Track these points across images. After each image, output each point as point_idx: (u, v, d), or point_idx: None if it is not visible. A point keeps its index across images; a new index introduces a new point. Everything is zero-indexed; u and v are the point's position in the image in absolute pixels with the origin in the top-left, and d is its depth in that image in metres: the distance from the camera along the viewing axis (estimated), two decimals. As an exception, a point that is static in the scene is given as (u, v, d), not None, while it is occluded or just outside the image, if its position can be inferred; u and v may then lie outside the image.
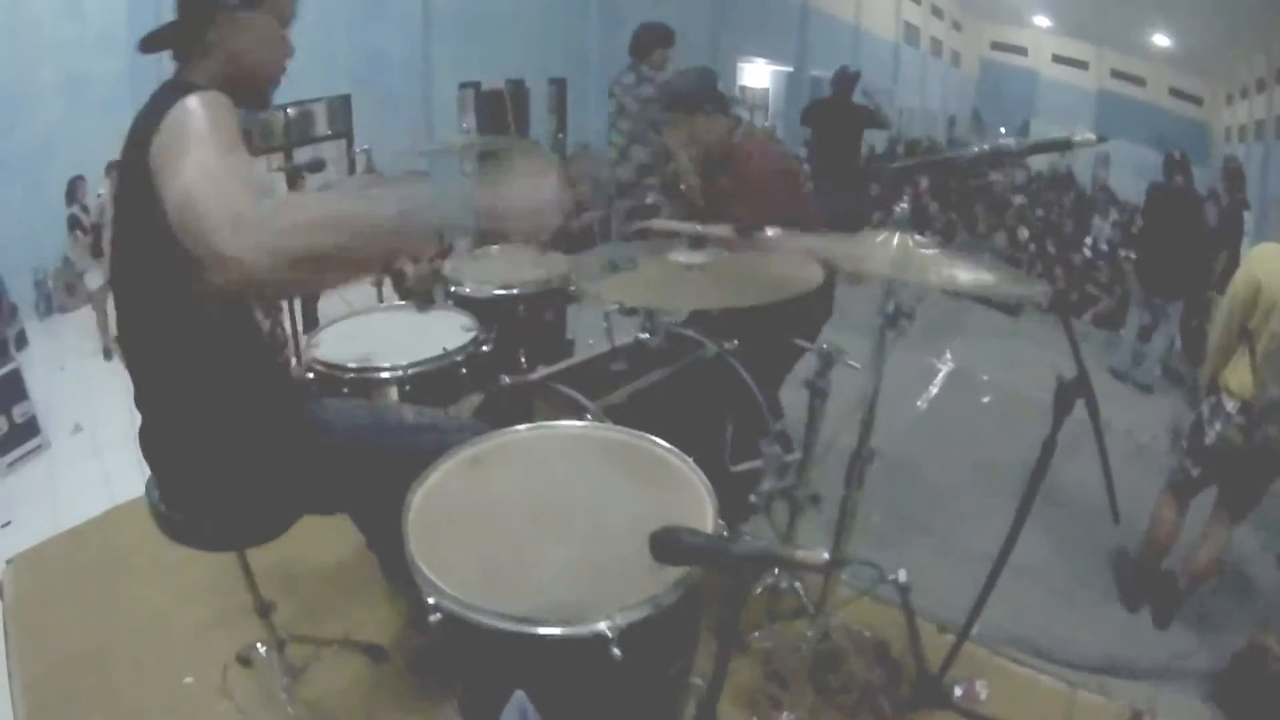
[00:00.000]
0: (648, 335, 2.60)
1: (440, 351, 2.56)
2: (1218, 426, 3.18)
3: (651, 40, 5.70)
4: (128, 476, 4.60)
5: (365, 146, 3.54)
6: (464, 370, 2.61)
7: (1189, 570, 3.39)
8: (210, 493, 1.85)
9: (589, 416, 2.27)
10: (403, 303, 3.07)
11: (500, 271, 3.12)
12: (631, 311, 2.83)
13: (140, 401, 1.84)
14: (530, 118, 12.28)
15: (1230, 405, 3.12)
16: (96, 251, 7.47)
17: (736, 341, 2.75)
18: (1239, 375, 3.09)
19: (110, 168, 7.59)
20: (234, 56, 1.71)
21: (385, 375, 2.49)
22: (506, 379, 2.58)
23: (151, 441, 1.88)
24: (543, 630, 1.33)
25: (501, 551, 1.54)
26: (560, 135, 12.54)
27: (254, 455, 1.79)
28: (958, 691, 2.55)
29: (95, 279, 7.42)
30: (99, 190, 7.58)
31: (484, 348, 2.66)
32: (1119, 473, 2.26)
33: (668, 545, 1.19)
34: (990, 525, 3.41)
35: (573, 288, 3.08)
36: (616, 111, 5.95)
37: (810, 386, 2.20)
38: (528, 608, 1.35)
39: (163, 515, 1.93)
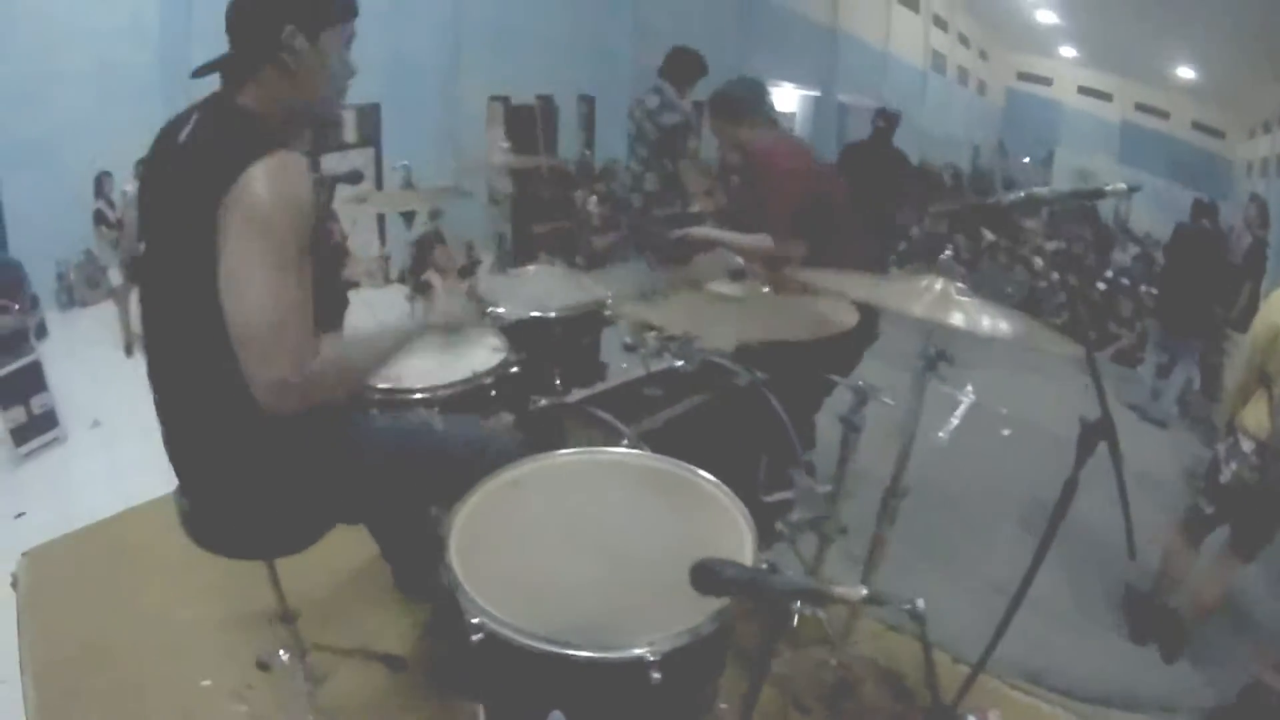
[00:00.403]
0: (682, 362, 2.63)
1: (469, 374, 2.54)
2: (1233, 466, 3.20)
3: (687, 68, 5.45)
4: (143, 474, 4.58)
5: (405, 162, 3.53)
6: (494, 392, 2.59)
7: (1196, 605, 3.42)
8: (245, 502, 1.84)
9: (625, 441, 2.30)
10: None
11: (536, 293, 3.09)
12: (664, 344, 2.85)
13: (167, 410, 1.85)
14: (559, 134, 12.33)
15: (1247, 445, 3.14)
16: (120, 246, 7.50)
17: (769, 372, 2.77)
18: (1257, 417, 3.11)
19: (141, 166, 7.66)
20: (293, 84, 1.74)
21: (415, 396, 2.46)
22: (542, 401, 2.59)
23: (182, 450, 1.88)
24: (586, 654, 1.36)
25: (542, 573, 1.57)
26: (587, 152, 12.58)
27: (293, 463, 1.78)
28: (971, 720, 2.57)
29: (119, 274, 7.41)
30: (124, 186, 7.59)
31: (512, 370, 2.64)
32: (1132, 507, 2.27)
33: (708, 576, 1.21)
34: (1003, 556, 3.46)
35: (608, 310, 3.09)
36: (636, 135, 5.72)
37: (844, 422, 2.22)
38: (567, 629, 1.38)
39: (193, 523, 1.93)
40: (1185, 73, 17.60)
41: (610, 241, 6.03)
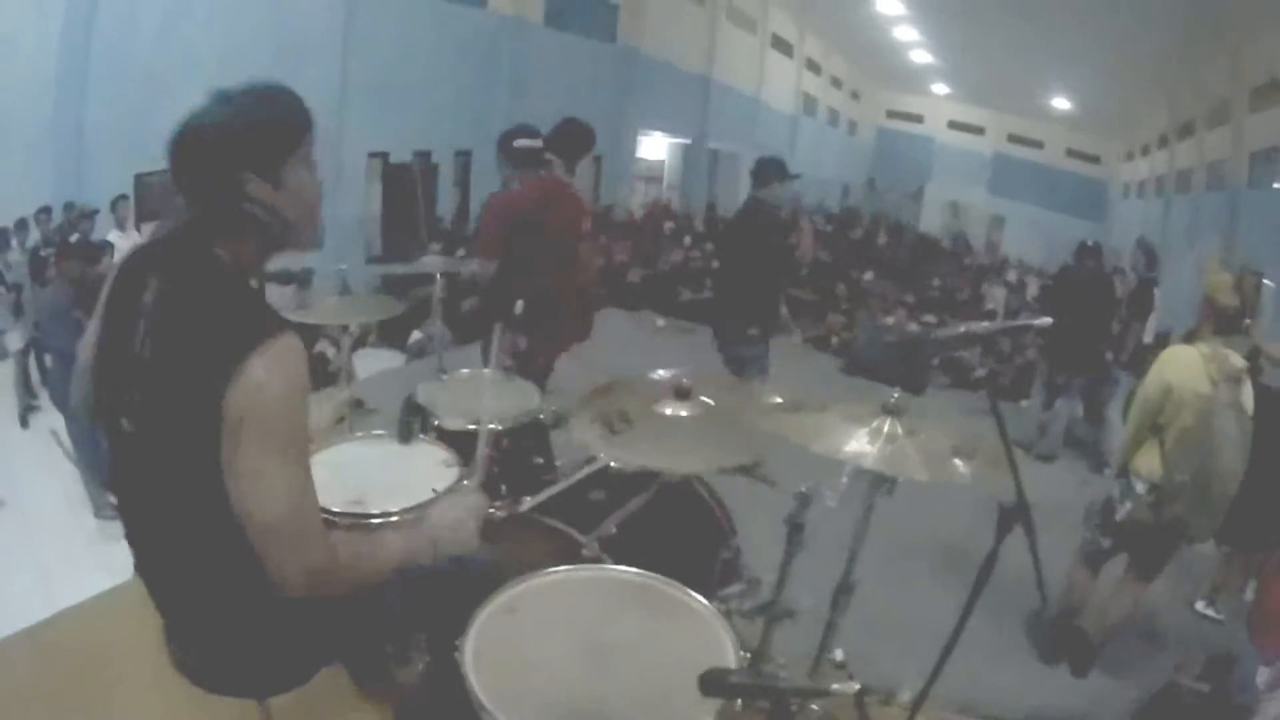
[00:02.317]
0: (613, 462, 2.73)
1: (432, 493, 2.46)
2: (1128, 505, 3.53)
3: (578, 142, 4.95)
4: (59, 555, 4.55)
5: (342, 266, 3.51)
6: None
7: (1102, 625, 3.73)
8: (243, 651, 1.79)
9: (585, 550, 2.43)
10: (380, 433, 2.95)
11: (474, 402, 3.02)
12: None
13: (155, 572, 1.77)
14: (438, 190, 12.38)
15: (1140, 487, 3.47)
16: (17, 310, 7.30)
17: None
18: (1148, 462, 3.44)
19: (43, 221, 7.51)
20: (265, 228, 1.61)
21: (378, 521, 2.35)
22: (497, 513, 2.57)
23: (168, 590, 1.79)
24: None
25: (555, 692, 1.67)
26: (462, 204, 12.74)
27: (292, 612, 1.71)
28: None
29: (15, 339, 7.20)
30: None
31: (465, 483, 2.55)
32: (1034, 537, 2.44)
33: (716, 684, 1.35)
34: (913, 599, 3.67)
35: (543, 416, 3.14)
36: None
37: (788, 523, 2.37)
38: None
39: (189, 669, 1.86)
40: (1060, 103, 18.70)
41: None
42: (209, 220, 1.58)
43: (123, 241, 7.53)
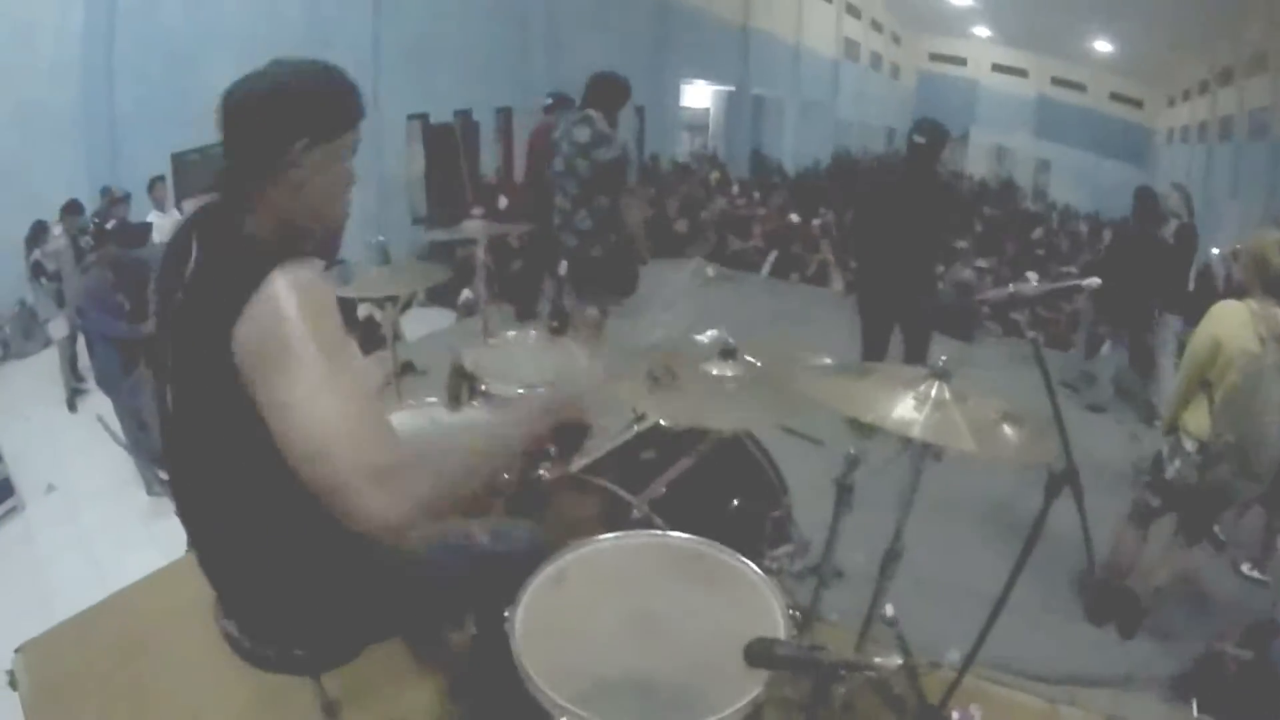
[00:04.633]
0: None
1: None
2: (1177, 464, 3.46)
3: (613, 94, 5.23)
4: (110, 544, 4.60)
5: (381, 238, 3.41)
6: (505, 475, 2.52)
7: (1152, 586, 3.68)
8: (297, 626, 1.78)
9: (635, 512, 2.40)
10: (433, 400, 2.91)
11: (521, 366, 3.01)
12: None
13: (208, 544, 1.75)
14: (480, 149, 12.37)
15: (1189, 445, 3.39)
16: (59, 299, 7.37)
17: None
18: (1198, 419, 3.35)
19: (77, 214, 7.56)
20: (301, 201, 1.56)
21: None
22: (544, 474, 2.61)
23: (220, 567, 1.77)
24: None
25: (604, 662, 1.68)
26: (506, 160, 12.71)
27: (348, 585, 1.73)
28: (956, 717, 2.71)
29: (60, 327, 7.25)
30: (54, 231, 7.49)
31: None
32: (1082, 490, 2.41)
33: (762, 653, 1.35)
34: (958, 559, 3.63)
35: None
36: (564, 170, 5.21)
37: (837, 484, 2.37)
38: (640, 714, 1.51)
39: (238, 642, 1.85)
40: (1102, 46, 18.37)
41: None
42: (246, 179, 1.53)
43: (163, 221, 7.60)
